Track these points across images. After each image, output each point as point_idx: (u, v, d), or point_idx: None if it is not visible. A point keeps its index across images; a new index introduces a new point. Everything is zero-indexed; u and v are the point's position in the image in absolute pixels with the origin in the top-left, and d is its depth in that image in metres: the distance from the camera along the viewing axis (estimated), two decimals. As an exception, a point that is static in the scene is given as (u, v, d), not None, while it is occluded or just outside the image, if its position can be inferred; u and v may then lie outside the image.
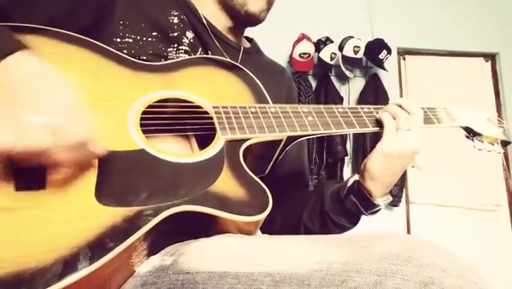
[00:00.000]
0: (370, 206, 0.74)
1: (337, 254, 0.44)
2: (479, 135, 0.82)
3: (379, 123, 0.75)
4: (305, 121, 0.70)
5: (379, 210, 0.75)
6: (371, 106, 0.77)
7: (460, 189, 2.96)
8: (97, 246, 0.44)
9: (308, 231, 0.79)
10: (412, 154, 0.72)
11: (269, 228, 0.81)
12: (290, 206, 0.84)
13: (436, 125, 0.78)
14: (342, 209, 0.75)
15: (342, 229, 0.77)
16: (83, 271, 0.42)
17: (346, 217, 0.76)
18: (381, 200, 0.73)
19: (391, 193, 0.76)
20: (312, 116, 0.71)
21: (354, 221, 0.77)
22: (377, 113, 0.76)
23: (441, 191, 2.94)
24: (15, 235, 0.44)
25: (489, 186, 3.05)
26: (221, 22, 0.85)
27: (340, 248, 0.45)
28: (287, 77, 0.98)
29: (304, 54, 2.84)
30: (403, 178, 2.85)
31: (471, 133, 0.82)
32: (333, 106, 0.74)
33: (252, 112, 0.67)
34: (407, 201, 2.97)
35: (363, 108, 0.76)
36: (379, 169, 0.71)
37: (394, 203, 2.84)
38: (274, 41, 2.90)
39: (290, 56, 2.89)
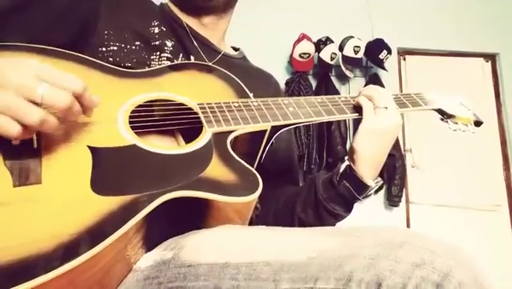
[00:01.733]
0: (362, 189, 0.75)
1: (333, 242, 0.45)
2: (452, 116, 0.86)
3: (356, 109, 0.78)
4: (287, 112, 0.73)
5: (371, 194, 0.77)
6: (347, 95, 0.81)
7: (460, 189, 2.97)
8: (96, 232, 0.46)
9: (302, 223, 0.80)
10: (395, 130, 0.75)
11: (262, 224, 0.82)
12: (281, 202, 0.85)
13: (411, 109, 0.82)
14: (335, 195, 0.76)
15: (336, 217, 0.79)
16: (85, 256, 0.43)
17: (340, 205, 0.77)
18: (373, 182, 0.75)
19: (381, 176, 0.78)
20: (293, 106, 0.74)
21: (347, 209, 0.79)
22: (354, 101, 0.79)
23: (441, 191, 2.95)
24: (15, 227, 0.45)
25: (489, 186, 3.05)
26: (194, 23, 0.87)
27: (336, 237, 0.46)
28: (274, 82, 1.00)
29: (304, 54, 2.85)
30: (403, 178, 2.86)
31: (445, 115, 0.86)
32: (312, 97, 0.78)
33: (235, 106, 0.70)
34: (407, 201, 2.98)
35: (340, 98, 0.80)
36: (366, 149, 0.74)
37: (394, 203, 2.85)
38: (275, 41, 2.92)
39: (291, 56, 2.90)
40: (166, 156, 0.59)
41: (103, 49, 0.74)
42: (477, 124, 0.87)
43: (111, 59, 0.73)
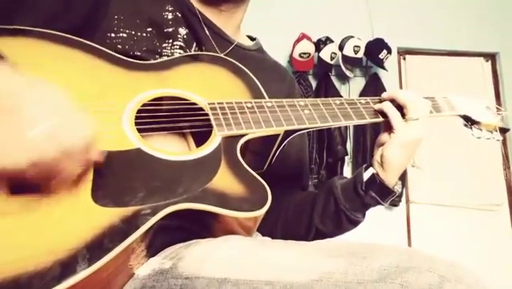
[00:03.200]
0: (387, 195, 0.75)
1: (337, 264, 0.44)
2: (477, 123, 0.81)
3: (377, 114, 0.75)
4: (302, 115, 0.69)
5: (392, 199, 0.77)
6: (367, 98, 0.77)
7: (460, 188, 2.96)
8: (95, 248, 0.44)
9: (319, 233, 0.79)
10: (423, 138, 0.73)
11: (270, 230, 0.80)
12: (291, 211, 0.83)
13: (435, 114, 0.78)
14: (360, 205, 0.75)
15: (355, 224, 0.78)
16: (82, 273, 0.41)
17: (362, 213, 0.77)
18: (397, 187, 0.75)
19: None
20: (309, 109, 0.70)
21: (364, 214, 0.78)
22: (374, 104, 0.76)
23: (441, 191, 2.94)
24: (11, 239, 0.44)
25: (489, 186, 3.05)
26: (209, 12, 0.83)
27: (340, 258, 0.45)
28: (289, 77, 0.97)
29: (304, 53, 2.84)
30: (403, 178, 2.85)
31: (469, 122, 0.82)
32: (330, 99, 0.74)
33: (248, 107, 0.67)
34: (407, 201, 2.97)
35: (359, 100, 0.76)
36: (397, 158, 0.72)
37: (394, 203, 2.84)
38: (274, 40, 2.89)
39: (291, 56, 2.89)
40: (171, 163, 0.56)
41: (112, 35, 0.70)
42: (503, 130, 0.83)
43: (119, 46, 0.69)
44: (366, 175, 0.74)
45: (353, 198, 0.75)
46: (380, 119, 0.74)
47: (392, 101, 0.75)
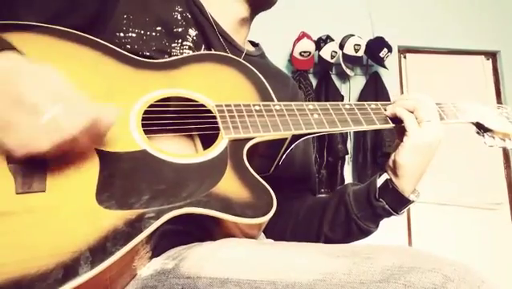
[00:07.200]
0: (402, 205, 0.72)
1: (340, 264, 0.44)
2: (490, 131, 0.79)
3: (387, 120, 0.73)
4: (310, 119, 0.68)
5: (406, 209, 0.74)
6: (378, 102, 0.75)
7: (461, 187, 2.97)
8: (98, 250, 0.44)
9: (328, 240, 0.78)
10: (439, 143, 0.71)
11: (280, 235, 0.79)
12: (302, 216, 0.82)
13: (445, 121, 0.75)
14: (372, 214, 0.73)
15: (366, 234, 0.76)
16: (85, 276, 0.41)
17: (374, 222, 0.75)
18: (413, 195, 0.73)
19: None
20: (318, 113, 0.69)
21: (378, 225, 0.76)
22: (385, 110, 0.74)
23: (442, 190, 2.94)
24: (15, 240, 0.43)
25: (489, 185, 3.05)
26: (230, 16, 0.82)
27: (343, 259, 0.45)
28: (292, 83, 0.96)
29: (305, 52, 2.84)
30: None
31: (482, 129, 0.79)
32: (339, 103, 0.72)
33: (256, 110, 0.66)
34: (408, 200, 2.97)
35: (370, 105, 0.74)
36: (411, 163, 0.70)
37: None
38: (275, 39, 2.89)
39: (291, 55, 2.89)
40: (177, 166, 0.56)
41: (121, 34, 0.69)
42: None
43: (128, 46, 0.68)
44: (379, 182, 0.73)
45: (365, 207, 0.73)
46: (391, 125, 0.72)
47: None
